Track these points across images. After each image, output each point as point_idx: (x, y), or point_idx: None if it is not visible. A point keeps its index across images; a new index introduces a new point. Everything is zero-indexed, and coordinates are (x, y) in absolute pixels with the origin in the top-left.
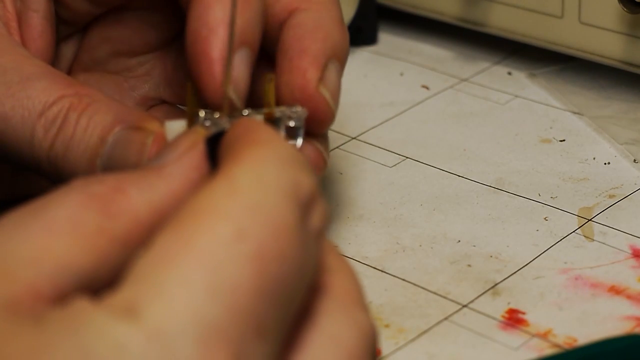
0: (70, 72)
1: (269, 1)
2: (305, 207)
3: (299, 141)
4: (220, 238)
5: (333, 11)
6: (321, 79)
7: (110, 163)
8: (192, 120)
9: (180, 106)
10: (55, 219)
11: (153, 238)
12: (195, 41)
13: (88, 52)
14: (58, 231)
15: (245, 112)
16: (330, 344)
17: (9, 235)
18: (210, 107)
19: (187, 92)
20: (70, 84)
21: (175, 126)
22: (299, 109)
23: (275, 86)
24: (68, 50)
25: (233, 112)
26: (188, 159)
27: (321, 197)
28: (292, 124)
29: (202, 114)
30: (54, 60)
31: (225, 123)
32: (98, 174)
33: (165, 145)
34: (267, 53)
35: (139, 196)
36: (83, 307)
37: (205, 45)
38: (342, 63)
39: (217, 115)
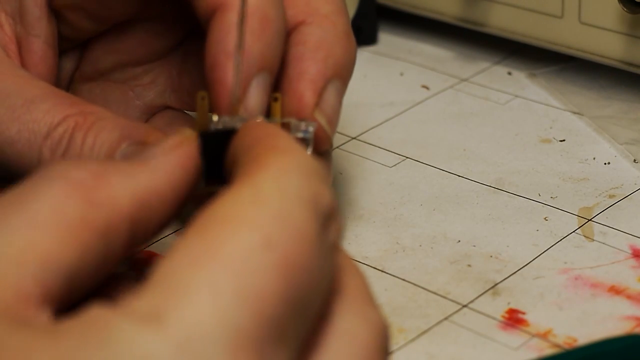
0: (73, 82)
1: None
2: (324, 219)
3: (308, 152)
4: (248, 245)
5: (339, 24)
6: (318, 103)
7: None
8: (198, 130)
9: (187, 112)
10: (38, 211)
11: (176, 243)
12: (213, 67)
13: (91, 64)
14: (42, 225)
15: (259, 119)
16: (345, 341)
17: None
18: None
19: (197, 101)
20: (74, 103)
21: None
22: (309, 121)
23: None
24: (68, 62)
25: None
26: (174, 155)
27: (338, 211)
28: (300, 135)
29: (215, 118)
30: (55, 83)
31: (236, 122)
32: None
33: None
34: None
35: (120, 185)
36: (104, 315)
37: (221, 71)
38: (344, 80)
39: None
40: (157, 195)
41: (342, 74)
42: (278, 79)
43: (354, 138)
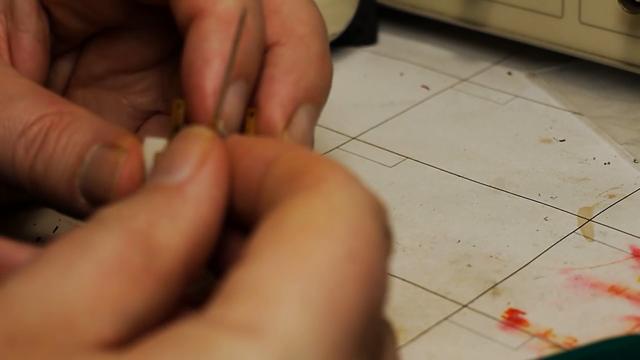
0: (68, 87)
1: None
2: (386, 230)
3: None
4: (334, 258)
5: (313, 47)
6: (287, 126)
7: (87, 183)
8: (172, 138)
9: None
10: (103, 259)
11: (254, 248)
12: (190, 73)
13: (85, 68)
14: (109, 273)
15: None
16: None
17: (61, 277)
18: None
19: (173, 109)
20: (53, 102)
21: (156, 143)
22: None
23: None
24: (64, 66)
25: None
26: (206, 174)
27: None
28: None
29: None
30: (47, 79)
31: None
32: (78, 195)
33: (168, 156)
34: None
35: (172, 229)
36: (197, 328)
37: (199, 77)
38: (317, 104)
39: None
40: (206, 228)
41: (315, 98)
42: (250, 100)
43: (354, 138)
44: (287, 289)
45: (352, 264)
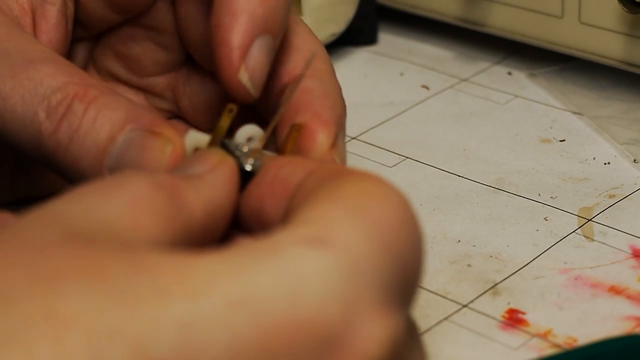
0: None
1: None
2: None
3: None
4: (390, 215)
5: (335, 82)
6: (334, 145)
7: (120, 165)
8: (217, 138)
9: (189, 124)
10: (136, 194)
11: (311, 193)
12: (217, 28)
13: (102, 63)
14: (140, 206)
15: (268, 153)
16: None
17: (101, 202)
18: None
19: (224, 112)
20: (77, 73)
21: (197, 138)
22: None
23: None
24: (79, 52)
25: (255, 154)
26: (223, 170)
27: None
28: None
29: (229, 142)
30: (67, 56)
31: (250, 161)
32: (107, 174)
33: (185, 157)
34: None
35: (193, 196)
36: (266, 242)
37: (226, 32)
38: (345, 132)
39: (245, 148)
40: (220, 208)
41: (344, 126)
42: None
43: (354, 138)
44: (351, 222)
45: (404, 227)
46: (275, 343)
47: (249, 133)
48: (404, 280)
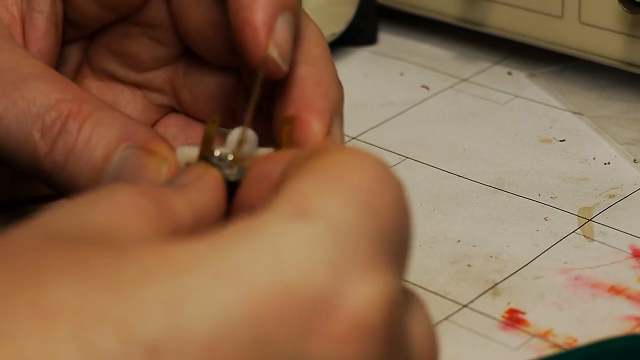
0: (82, 78)
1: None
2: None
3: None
4: (369, 179)
5: (329, 66)
6: (329, 133)
7: (117, 183)
8: (206, 150)
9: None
10: (120, 201)
11: (290, 175)
12: (237, 11)
13: (97, 62)
14: (126, 211)
15: (264, 150)
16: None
17: (86, 209)
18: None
19: (207, 124)
20: (68, 87)
21: (187, 153)
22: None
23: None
24: (73, 55)
25: (237, 162)
26: (207, 179)
27: None
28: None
29: (217, 153)
30: (58, 63)
31: (233, 172)
32: None
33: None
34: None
35: (179, 200)
36: (249, 221)
37: (248, 12)
38: (342, 117)
39: (230, 157)
40: (209, 213)
41: (340, 111)
42: (277, 110)
43: (354, 138)
44: (327, 192)
45: (382, 188)
46: (262, 311)
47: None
48: (391, 238)
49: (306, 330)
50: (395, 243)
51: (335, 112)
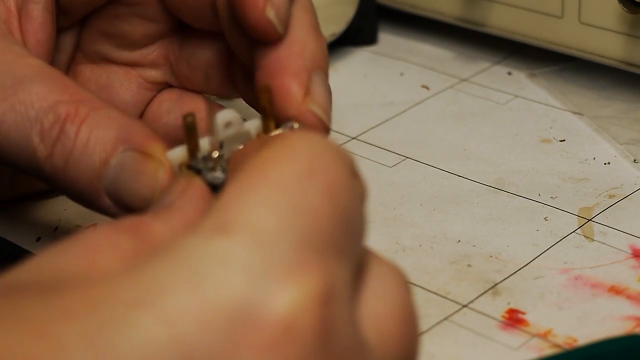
0: (75, 64)
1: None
2: (351, 170)
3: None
4: (292, 173)
5: (305, 20)
6: (306, 95)
7: (115, 187)
8: (193, 150)
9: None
10: (93, 241)
11: (227, 186)
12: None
13: (89, 46)
14: (99, 250)
15: (251, 124)
16: (382, 281)
17: (53, 257)
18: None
19: (184, 124)
20: (65, 87)
21: (177, 155)
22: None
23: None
24: (67, 42)
25: (217, 162)
26: (191, 192)
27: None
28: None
29: (200, 154)
30: (54, 52)
31: (217, 175)
32: (103, 196)
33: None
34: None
35: (161, 227)
36: (171, 240)
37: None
38: (324, 71)
39: (215, 154)
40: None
41: (321, 65)
42: (257, 77)
43: (354, 138)
44: (251, 200)
45: (311, 179)
46: (183, 332)
47: (226, 119)
48: (328, 228)
49: (233, 344)
50: (333, 231)
51: (314, 68)
